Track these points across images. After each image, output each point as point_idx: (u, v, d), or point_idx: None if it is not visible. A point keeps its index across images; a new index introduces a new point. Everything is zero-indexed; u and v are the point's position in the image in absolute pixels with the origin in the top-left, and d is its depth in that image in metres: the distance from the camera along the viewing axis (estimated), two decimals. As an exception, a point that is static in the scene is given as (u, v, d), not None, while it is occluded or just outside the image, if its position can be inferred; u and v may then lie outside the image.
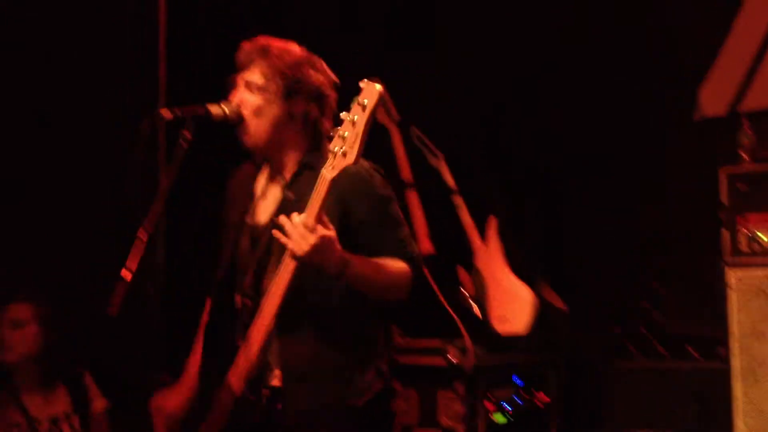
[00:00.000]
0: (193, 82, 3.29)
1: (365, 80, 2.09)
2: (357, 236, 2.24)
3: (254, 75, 2.30)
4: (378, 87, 2.06)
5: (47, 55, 3.56)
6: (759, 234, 3.23)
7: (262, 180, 2.42)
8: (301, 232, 2.05)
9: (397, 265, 2.25)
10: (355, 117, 2.06)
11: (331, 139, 2.30)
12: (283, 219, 2.09)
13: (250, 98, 2.30)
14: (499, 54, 4.25)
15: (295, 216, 2.08)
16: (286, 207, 2.27)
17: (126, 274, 2.03)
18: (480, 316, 3.80)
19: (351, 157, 2.06)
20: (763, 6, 3.88)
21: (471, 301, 3.81)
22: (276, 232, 2.10)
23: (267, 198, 2.37)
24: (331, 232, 2.10)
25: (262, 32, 2.42)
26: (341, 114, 2.10)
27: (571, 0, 4.18)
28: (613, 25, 4.08)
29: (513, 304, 3.78)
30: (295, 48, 2.35)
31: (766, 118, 3.60)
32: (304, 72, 2.31)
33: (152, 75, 2.78)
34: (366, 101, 2.05)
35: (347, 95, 2.18)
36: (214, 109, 2.28)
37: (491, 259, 3.92)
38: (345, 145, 2.06)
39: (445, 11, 4.42)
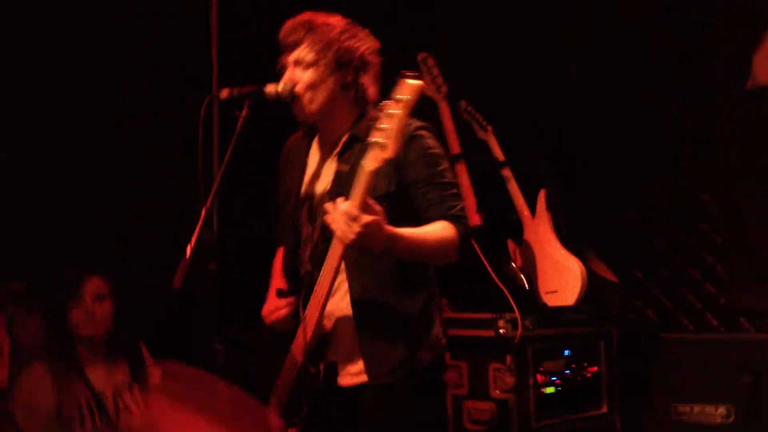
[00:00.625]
0: (245, 64, 3.34)
1: (403, 74, 2.09)
2: (407, 193, 2.29)
3: (304, 52, 2.34)
4: (416, 82, 2.06)
5: (109, 42, 3.64)
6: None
7: (314, 150, 2.47)
8: (346, 220, 2.09)
9: (443, 230, 2.29)
10: (394, 111, 2.07)
11: (375, 106, 2.35)
12: (328, 205, 2.13)
13: (303, 75, 2.34)
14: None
15: (340, 202, 2.12)
16: (340, 179, 2.33)
17: (189, 250, 2.10)
18: (529, 288, 3.81)
19: (390, 151, 2.07)
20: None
21: (520, 274, 3.83)
22: (326, 217, 2.14)
23: (321, 169, 2.42)
24: (376, 217, 2.12)
25: (313, 8, 2.45)
26: (383, 102, 2.11)
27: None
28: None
29: (562, 277, 3.78)
30: (337, 19, 2.39)
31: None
32: (350, 42, 2.35)
33: (205, 56, 2.84)
34: (403, 97, 2.06)
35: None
36: (269, 88, 2.33)
37: (540, 232, 3.92)
38: (384, 137, 2.07)
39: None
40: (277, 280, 2.56)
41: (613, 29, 4.09)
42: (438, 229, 2.29)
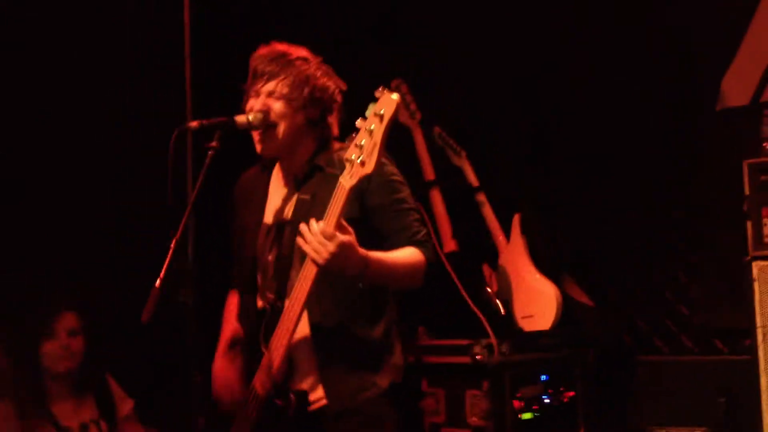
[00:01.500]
0: (218, 91, 3.35)
1: (382, 89, 2.12)
2: (370, 221, 2.30)
3: (279, 84, 2.36)
4: (395, 97, 2.09)
5: (80, 74, 3.64)
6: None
7: (273, 181, 2.49)
8: (321, 240, 2.10)
9: (411, 255, 2.31)
10: (372, 127, 2.09)
11: (338, 139, 2.37)
12: (302, 227, 2.14)
13: (275, 105, 2.36)
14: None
15: (313, 223, 2.12)
16: (302, 207, 2.34)
17: (158, 282, 2.09)
18: (505, 313, 3.82)
19: (369, 167, 2.10)
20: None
21: (496, 299, 3.83)
22: (298, 239, 2.14)
23: (281, 199, 2.43)
24: (350, 237, 2.14)
25: (287, 39, 2.47)
26: (357, 122, 2.13)
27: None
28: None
29: (538, 301, 3.78)
30: (310, 56, 2.43)
31: (789, 108, 3.58)
32: (324, 80, 2.40)
33: (178, 85, 2.85)
34: (383, 111, 2.08)
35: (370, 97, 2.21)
36: (239, 118, 2.34)
37: (516, 256, 3.93)
38: (363, 155, 2.09)
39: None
40: (228, 331, 2.55)
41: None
42: (407, 255, 2.31)
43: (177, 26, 2.78)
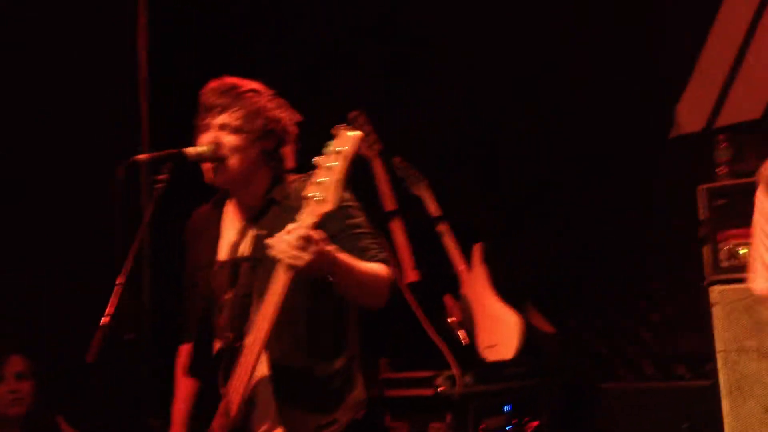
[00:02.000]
0: (174, 122, 3.33)
1: (339, 126, 2.10)
2: None
3: (231, 117, 2.33)
4: (354, 134, 2.07)
5: (31, 106, 3.60)
6: (739, 249, 3.25)
7: (226, 217, 2.44)
8: (300, 243, 2.04)
9: (376, 267, 2.27)
10: (331, 164, 2.06)
11: (295, 171, 2.34)
12: (271, 240, 2.09)
13: (228, 138, 2.33)
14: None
15: (284, 234, 2.07)
16: (260, 243, 2.29)
17: (104, 321, 2.03)
18: (468, 343, 3.80)
19: (330, 204, 2.06)
20: (735, 20, 3.93)
21: (458, 329, 3.81)
22: (272, 251, 2.09)
23: (236, 234, 2.39)
24: (323, 233, 2.09)
25: (242, 74, 2.45)
26: (314, 159, 2.11)
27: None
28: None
29: (500, 330, 3.77)
30: (262, 88, 2.40)
31: (742, 133, 3.63)
32: (276, 112, 2.37)
33: (134, 117, 2.82)
34: (342, 148, 2.06)
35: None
36: (189, 151, 2.30)
37: (477, 286, 3.92)
38: (322, 192, 2.06)
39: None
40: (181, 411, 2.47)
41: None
42: (371, 265, 2.28)
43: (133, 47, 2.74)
